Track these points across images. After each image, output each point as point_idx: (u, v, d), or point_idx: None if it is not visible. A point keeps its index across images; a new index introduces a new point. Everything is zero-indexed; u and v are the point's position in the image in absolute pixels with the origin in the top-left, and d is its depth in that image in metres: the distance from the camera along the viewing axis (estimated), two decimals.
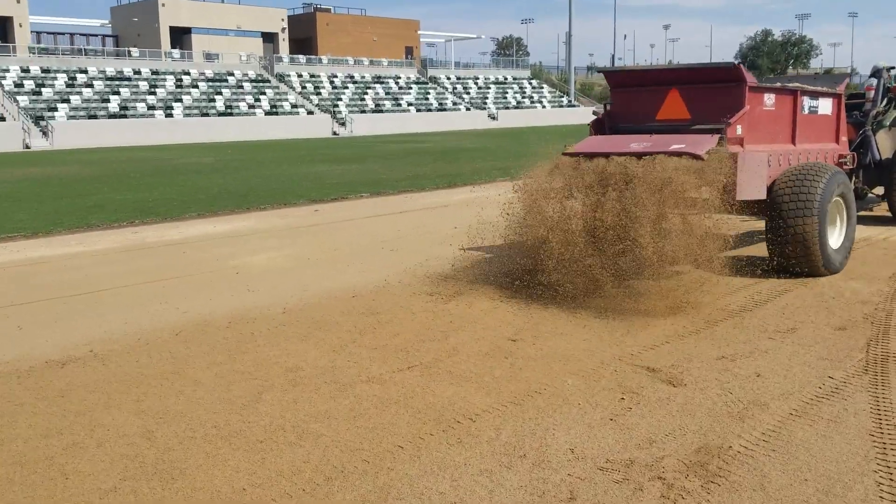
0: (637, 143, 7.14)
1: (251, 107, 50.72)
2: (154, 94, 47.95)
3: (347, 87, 58.55)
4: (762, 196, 7.28)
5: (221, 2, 64.28)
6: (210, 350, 5.63)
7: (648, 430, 4.11)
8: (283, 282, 7.90)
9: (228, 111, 49.23)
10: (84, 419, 4.43)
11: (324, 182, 18.55)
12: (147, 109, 46.25)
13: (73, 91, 45.39)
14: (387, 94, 59.85)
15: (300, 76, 57.62)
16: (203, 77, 52.20)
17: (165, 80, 49.88)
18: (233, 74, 53.90)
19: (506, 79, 71.93)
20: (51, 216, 13.10)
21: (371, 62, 63.75)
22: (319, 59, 61.49)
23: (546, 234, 6.95)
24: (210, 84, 51.53)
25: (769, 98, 7.59)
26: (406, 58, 70.85)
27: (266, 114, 50.54)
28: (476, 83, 68.35)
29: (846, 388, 4.64)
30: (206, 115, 47.92)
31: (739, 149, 7.06)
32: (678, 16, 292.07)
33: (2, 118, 39.97)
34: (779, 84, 8.05)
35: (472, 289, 7.22)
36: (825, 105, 8.57)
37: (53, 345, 5.86)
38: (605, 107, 8.30)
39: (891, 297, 6.73)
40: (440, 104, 61.67)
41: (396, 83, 62.12)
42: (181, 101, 48.28)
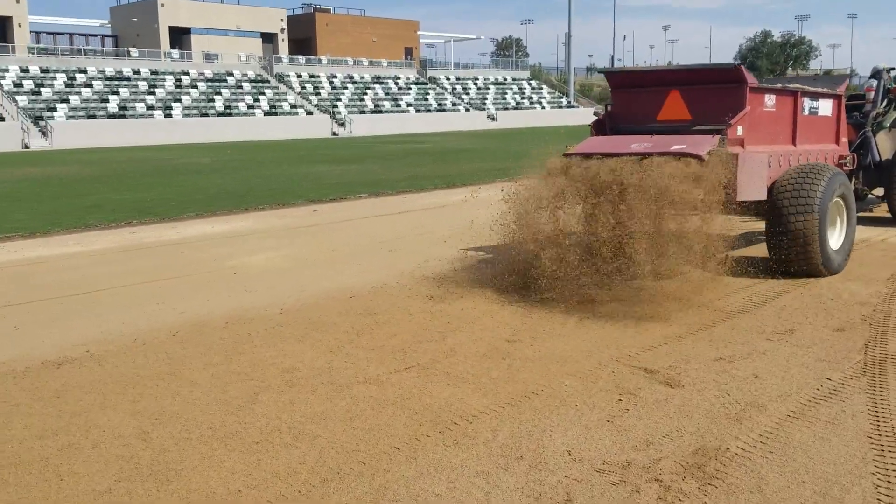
0: (638, 144, 7.13)
1: (250, 107, 50.72)
2: (153, 95, 47.93)
3: (347, 88, 58.55)
4: (763, 197, 7.27)
5: (221, 2, 64.28)
6: (207, 351, 5.62)
7: (646, 432, 4.09)
8: (281, 282, 7.89)
9: (227, 111, 49.22)
10: (80, 420, 4.41)
11: (322, 182, 18.54)
12: (146, 109, 46.23)
13: (73, 91, 45.38)
14: (386, 95, 59.85)
15: (299, 76, 57.62)
16: (202, 77, 52.19)
17: (165, 81, 49.87)
18: (232, 75, 53.90)
19: (505, 79, 71.95)
20: (49, 216, 13.09)
21: (370, 63, 63.75)
22: (319, 60, 61.49)
23: (537, 250, 6.88)
24: (209, 84, 51.52)
25: (770, 99, 7.58)
26: (405, 58, 70.86)
27: (265, 114, 50.53)
28: (475, 84, 68.36)
29: (844, 390, 4.63)
30: (206, 116, 47.91)
31: (740, 149, 7.05)
32: (677, 17, 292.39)
33: (1, 118, 39.96)
34: (779, 85, 8.03)
35: (470, 289, 7.21)
36: (825, 106, 8.57)
37: (50, 345, 5.85)
38: (606, 107, 8.29)
39: (889, 299, 6.72)
40: (439, 105, 61.68)
41: (396, 84, 62.12)
42: (180, 102, 48.27)
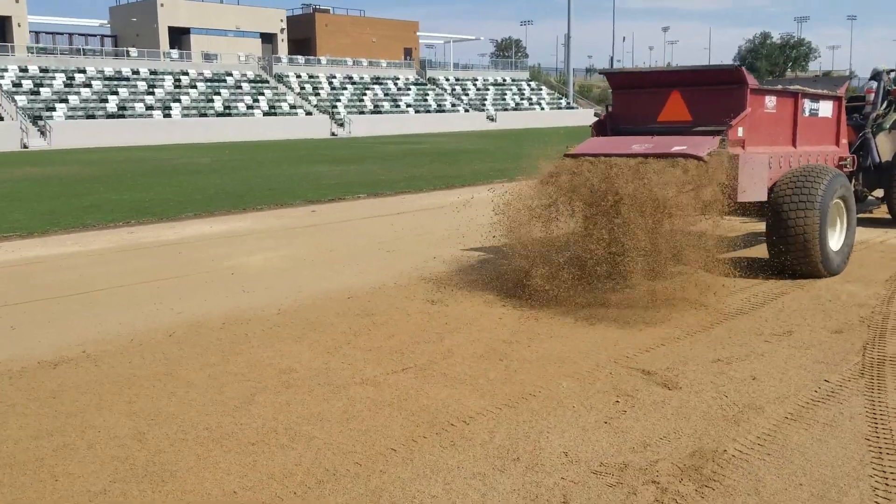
0: (639, 145, 7.13)
1: (249, 107, 50.69)
2: (152, 95, 47.90)
3: (346, 88, 58.53)
4: (763, 198, 7.28)
5: (220, 2, 64.27)
6: (203, 351, 5.60)
7: (643, 434, 4.08)
8: (279, 283, 7.87)
9: (227, 111, 49.19)
10: (75, 420, 4.40)
11: (321, 183, 18.52)
12: (145, 109, 46.20)
13: (72, 91, 45.34)
14: (385, 95, 59.83)
15: (299, 77, 57.60)
16: (201, 77, 52.16)
17: (164, 81, 49.84)
18: (231, 75, 53.87)
19: (504, 80, 71.94)
20: (47, 216, 13.07)
21: (370, 63, 63.73)
22: (318, 60, 61.48)
23: (528, 268, 6.84)
24: (208, 84, 51.49)
25: (770, 100, 7.59)
26: (405, 59, 70.86)
27: (264, 114, 50.51)
28: (475, 84, 68.35)
29: (842, 392, 4.62)
30: (205, 116, 47.88)
31: (741, 150, 7.06)
32: (677, 18, 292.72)
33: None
34: (780, 87, 8.04)
35: (468, 290, 7.20)
36: (825, 108, 8.58)
37: (46, 345, 5.83)
38: (607, 108, 8.29)
39: (887, 301, 6.71)
40: (439, 105, 61.67)
41: (395, 84, 62.11)
42: (179, 102, 48.23)
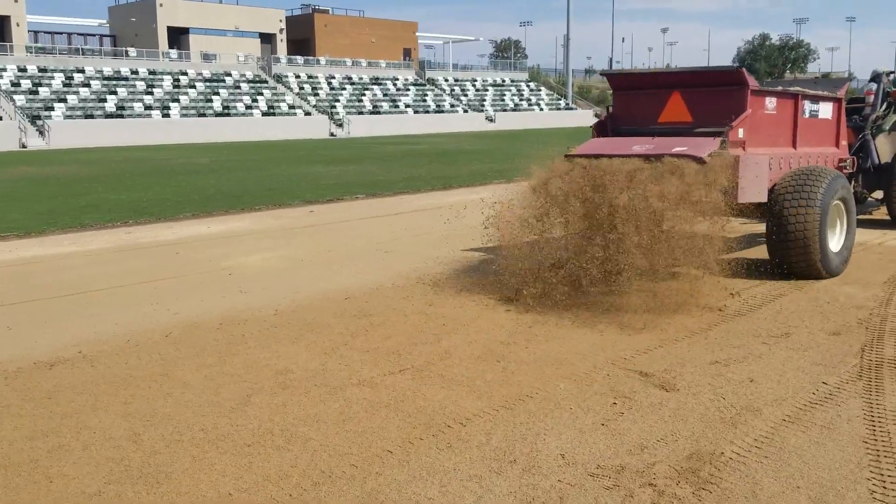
0: (640, 146, 7.14)
1: (248, 107, 50.66)
2: (151, 94, 47.86)
3: (345, 89, 58.51)
4: (763, 199, 7.28)
5: (219, 2, 64.23)
6: (200, 352, 5.58)
7: (640, 436, 4.07)
8: (276, 283, 7.86)
9: (226, 112, 49.16)
10: (70, 421, 4.38)
11: (320, 183, 18.50)
12: (144, 109, 46.16)
13: (70, 91, 45.30)
14: (384, 96, 59.82)
15: (298, 77, 57.57)
16: (200, 77, 52.13)
17: (163, 81, 49.80)
18: (230, 75, 53.84)
19: (504, 81, 71.94)
20: (45, 216, 13.04)
21: (369, 63, 63.71)
22: (317, 60, 61.45)
23: (519, 286, 6.80)
24: (207, 84, 51.46)
25: (770, 102, 7.61)
26: (404, 59, 70.84)
27: (263, 114, 50.48)
28: (474, 85, 68.34)
29: (840, 394, 4.60)
30: (204, 116, 47.85)
31: (741, 152, 7.06)
32: (676, 19, 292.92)
33: None
34: (780, 88, 8.05)
35: (466, 291, 7.19)
36: (825, 109, 8.59)
37: (42, 345, 5.81)
38: (608, 109, 8.30)
39: (886, 303, 6.70)
40: (438, 106, 61.66)
41: (394, 85, 62.09)
42: (178, 102, 48.20)
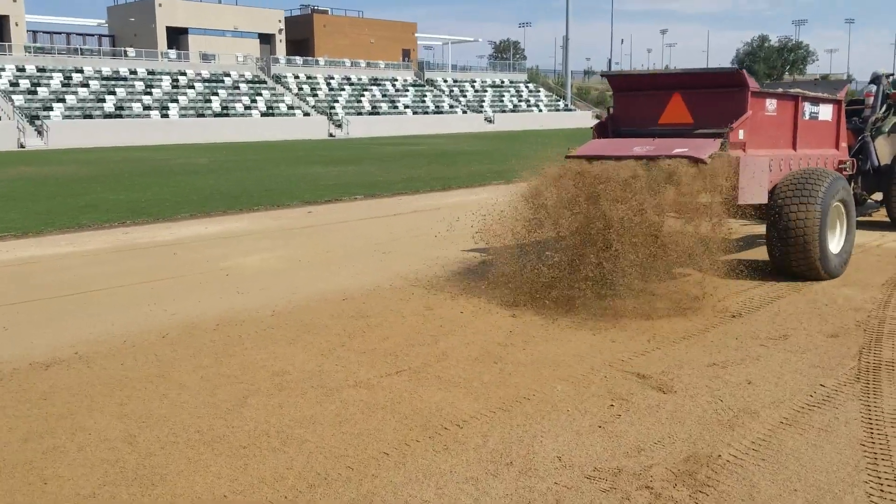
0: (640, 147, 7.15)
1: (247, 108, 50.63)
2: (150, 95, 47.83)
3: (344, 89, 58.49)
4: (764, 200, 7.30)
5: (218, 2, 64.22)
6: (196, 353, 5.57)
7: (637, 438, 4.05)
8: (274, 284, 7.84)
9: (224, 112, 49.12)
10: (66, 422, 4.36)
11: (318, 184, 18.48)
12: (143, 109, 46.13)
13: (69, 90, 45.27)
14: (383, 97, 59.81)
15: (297, 77, 57.55)
16: (199, 78, 52.10)
17: (161, 81, 49.77)
18: (229, 75, 53.81)
19: (503, 82, 71.95)
20: (42, 216, 13.02)
21: (368, 64, 63.70)
22: (316, 61, 61.43)
23: (513, 299, 6.77)
24: (206, 85, 51.43)
25: (771, 103, 7.62)
26: (403, 60, 70.82)
27: (262, 115, 50.46)
28: (473, 86, 68.35)
29: (837, 397, 4.59)
30: (202, 116, 47.82)
31: (742, 153, 7.07)
32: (675, 20, 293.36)
33: None
34: (780, 90, 8.06)
35: (464, 292, 7.17)
36: (825, 111, 8.60)
37: (38, 346, 5.79)
38: (608, 110, 8.30)
39: (884, 305, 6.69)
40: (437, 107, 61.65)
41: (393, 85, 62.08)
42: (177, 102, 48.17)
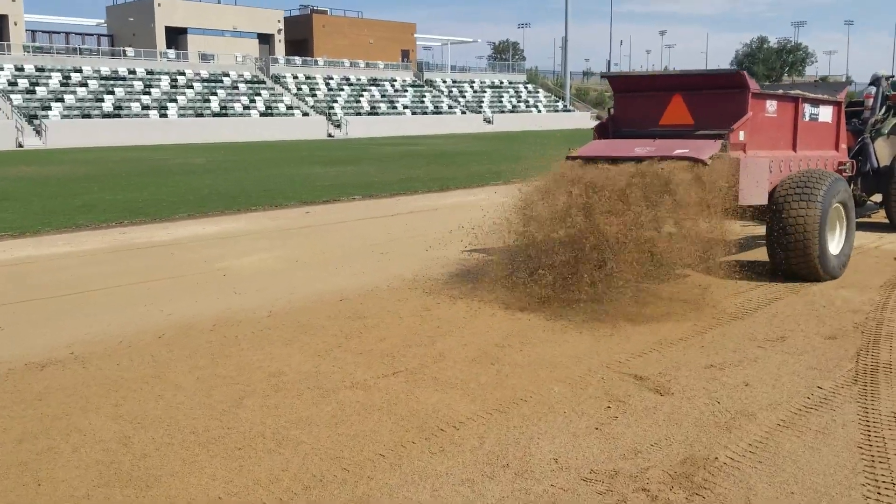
0: (641, 147, 7.15)
1: (246, 108, 50.62)
2: (149, 94, 47.80)
3: (343, 90, 58.48)
4: (764, 201, 7.31)
5: (217, 2, 64.20)
6: (192, 353, 5.55)
7: (634, 440, 4.04)
8: (271, 284, 7.82)
9: (223, 112, 49.10)
10: (61, 423, 4.34)
11: (316, 184, 18.46)
12: (141, 109, 46.10)
13: (68, 90, 45.23)
14: (382, 97, 59.80)
15: (296, 78, 57.54)
16: (198, 77, 52.08)
17: (160, 80, 49.75)
18: (228, 75, 53.79)
19: (502, 83, 71.96)
20: (39, 216, 12.99)
21: (367, 65, 63.70)
22: (315, 61, 61.43)
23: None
24: (205, 84, 51.41)
25: (771, 105, 7.63)
26: (402, 61, 70.83)
27: (261, 115, 50.44)
28: (472, 87, 68.35)
29: (835, 399, 4.58)
30: (201, 116, 47.80)
31: (742, 154, 7.07)
32: (675, 22, 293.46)
33: None
34: (781, 91, 8.07)
35: (461, 293, 7.16)
36: (825, 112, 8.60)
37: (34, 346, 5.77)
38: (609, 111, 8.30)
39: (882, 307, 6.68)
40: (436, 107, 61.64)
41: (392, 86, 62.07)
42: (176, 102, 48.14)
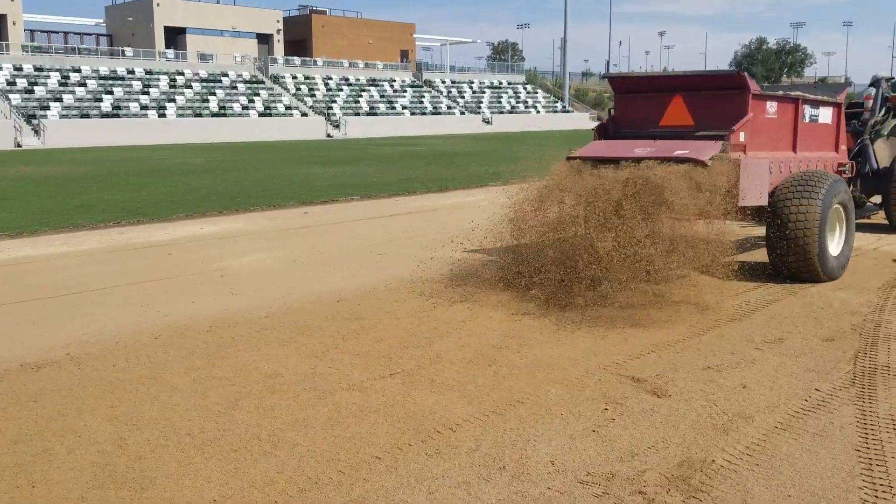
0: (641, 148, 7.16)
1: (245, 108, 50.59)
2: (147, 94, 47.77)
3: (342, 90, 58.46)
4: (764, 202, 7.31)
5: (216, 2, 64.16)
6: (189, 355, 5.53)
7: (631, 443, 4.03)
8: (269, 285, 7.80)
9: (222, 112, 49.08)
10: (56, 425, 4.33)
11: (315, 184, 18.44)
12: (140, 109, 46.07)
13: (66, 90, 45.19)
14: (381, 97, 59.78)
15: (295, 78, 57.51)
16: (197, 77, 52.04)
17: (159, 80, 49.71)
18: (227, 75, 53.76)
19: (501, 83, 71.96)
20: (37, 216, 12.97)
21: (366, 65, 63.67)
22: (314, 61, 61.41)
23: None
24: (204, 84, 51.37)
25: (771, 106, 7.64)
26: (401, 61, 70.80)
27: (260, 115, 50.41)
28: (471, 87, 68.35)
29: (833, 401, 4.57)
30: (200, 116, 47.78)
31: (742, 155, 7.07)
32: (674, 23, 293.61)
33: None
34: (781, 92, 8.07)
35: (459, 294, 7.14)
36: (825, 114, 8.60)
37: (30, 347, 5.75)
38: (609, 112, 8.31)
39: (880, 308, 6.67)
40: (435, 108, 61.63)
41: (391, 86, 62.05)
42: (174, 102, 48.11)
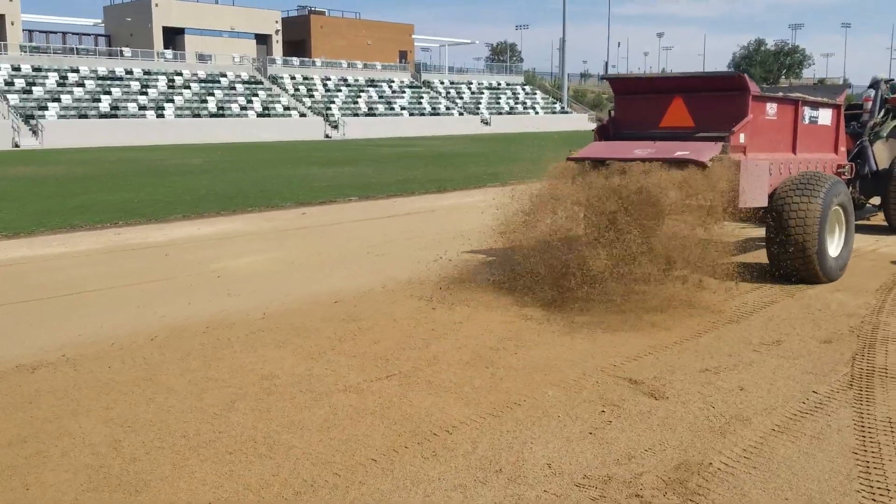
0: (641, 149, 7.16)
1: (243, 108, 50.56)
2: (146, 95, 47.74)
3: (341, 90, 58.44)
4: (764, 204, 7.33)
5: (215, 3, 64.15)
6: (185, 356, 5.51)
7: (628, 445, 4.01)
8: (266, 286, 7.79)
9: (220, 112, 49.05)
10: (51, 427, 4.31)
11: (313, 185, 18.42)
12: (138, 109, 46.03)
13: (65, 90, 45.14)
14: (380, 98, 59.77)
15: (293, 78, 57.49)
16: (195, 78, 52.01)
17: (157, 81, 49.68)
18: (225, 76, 53.73)
19: (499, 84, 71.98)
20: (34, 216, 12.95)
21: (365, 65, 63.66)
22: (313, 62, 61.39)
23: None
24: (202, 85, 51.34)
25: (771, 107, 7.65)
26: (400, 62, 70.79)
27: (258, 115, 50.39)
28: (469, 88, 68.36)
29: (830, 404, 4.56)
30: (198, 116, 47.75)
31: (742, 156, 7.07)
32: (672, 24, 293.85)
33: None
34: (781, 94, 8.09)
35: (457, 295, 7.12)
36: (825, 115, 8.62)
37: (26, 348, 5.73)
38: (610, 113, 8.32)
39: (878, 310, 6.66)
40: (433, 108, 61.63)
41: (390, 87, 62.05)
42: (173, 102, 48.08)
